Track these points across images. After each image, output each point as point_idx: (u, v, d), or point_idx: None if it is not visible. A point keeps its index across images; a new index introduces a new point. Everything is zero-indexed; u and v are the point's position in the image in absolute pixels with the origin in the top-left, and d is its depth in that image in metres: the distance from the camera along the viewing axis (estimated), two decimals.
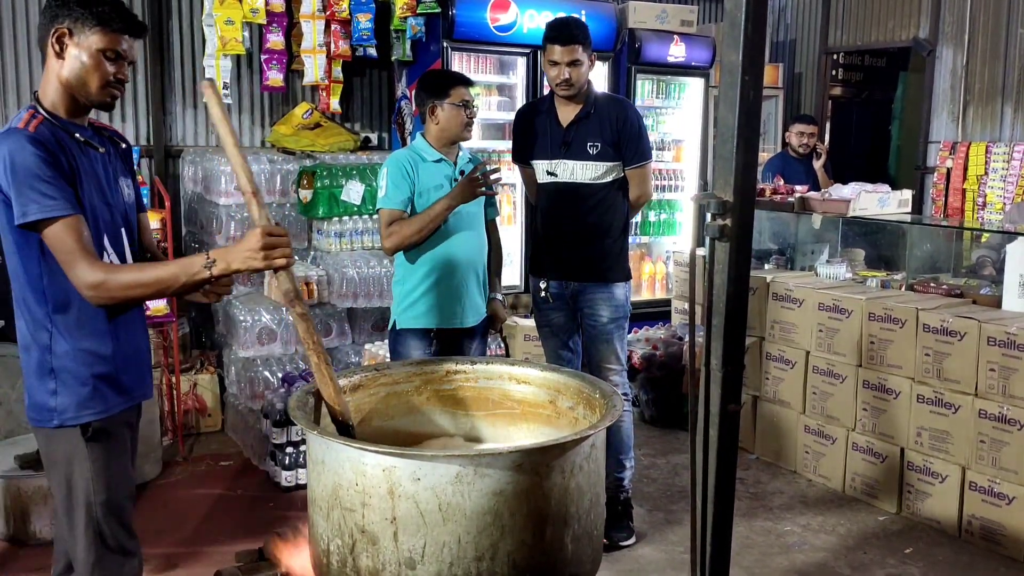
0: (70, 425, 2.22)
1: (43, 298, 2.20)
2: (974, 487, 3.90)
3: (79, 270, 2.08)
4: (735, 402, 2.04)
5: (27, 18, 5.23)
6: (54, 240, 2.08)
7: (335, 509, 1.99)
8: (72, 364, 2.22)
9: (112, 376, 2.27)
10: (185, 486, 4.41)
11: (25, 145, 2.08)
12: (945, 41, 7.19)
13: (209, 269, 2.09)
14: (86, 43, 2.18)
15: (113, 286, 2.09)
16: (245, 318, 4.77)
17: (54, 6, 2.19)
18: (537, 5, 6.05)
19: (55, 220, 2.07)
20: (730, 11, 1.91)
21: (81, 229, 2.10)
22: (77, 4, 2.17)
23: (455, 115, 3.45)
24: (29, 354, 2.25)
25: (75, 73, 2.19)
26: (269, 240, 2.05)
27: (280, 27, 5.58)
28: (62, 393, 2.22)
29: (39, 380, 2.23)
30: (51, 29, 2.18)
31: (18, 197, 2.06)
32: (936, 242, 5.07)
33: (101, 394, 2.25)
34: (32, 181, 2.06)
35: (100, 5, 2.19)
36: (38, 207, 2.06)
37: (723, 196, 1.97)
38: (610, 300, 3.73)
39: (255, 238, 2.05)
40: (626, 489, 3.88)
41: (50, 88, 2.22)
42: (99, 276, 2.08)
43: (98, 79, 2.20)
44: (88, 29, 2.17)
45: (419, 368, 2.65)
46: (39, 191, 2.06)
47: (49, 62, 2.21)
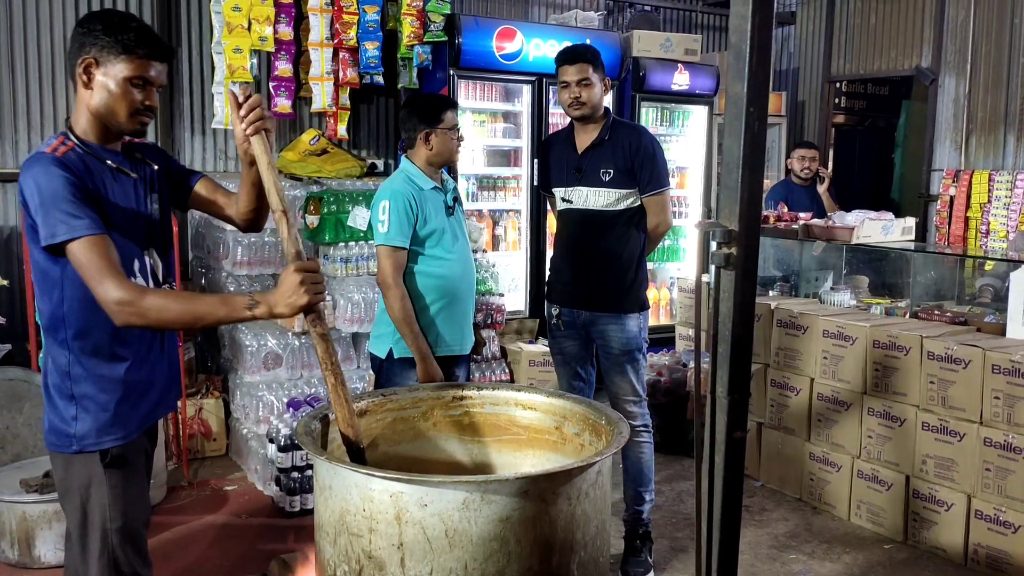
0: (90, 451, 2.22)
1: (64, 323, 2.20)
2: (980, 515, 3.89)
3: (106, 287, 2.05)
4: (741, 429, 2.05)
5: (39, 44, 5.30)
6: (81, 258, 2.06)
7: (342, 535, 1.99)
8: (93, 390, 2.21)
9: (132, 402, 2.27)
10: (189, 511, 4.40)
11: (51, 168, 2.09)
12: (948, 70, 7.25)
13: (251, 310, 2.07)
14: (113, 72, 2.17)
15: (142, 306, 2.05)
16: (251, 343, 4.79)
17: (80, 35, 2.19)
18: (542, 34, 6.12)
19: (81, 239, 2.05)
20: (735, 44, 1.94)
21: (108, 248, 2.08)
22: (103, 32, 2.16)
23: (448, 140, 3.44)
24: (50, 379, 2.25)
25: (103, 102, 2.19)
26: (306, 276, 2.04)
27: (288, 55, 5.65)
28: (82, 419, 2.21)
29: (59, 405, 2.23)
30: (78, 59, 2.18)
31: (45, 219, 2.06)
32: (940, 270, 5.09)
33: (121, 420, 2.25)
34: (59, 203, 2.05)
35: (125, 32, 2.17)
36: (66, 227, 2.05)
37: (729, 225, 1.99)
38: (622, 331, 3.66)
39: (294, 278, 2.04)
40: (645, 522, 3.81)
41: (81, 117, 2.23)
42: (128, 294, 2.05)
43: (127, 107, 2.20)
44: (114, 58, 2.17)
45: (425, 394, 2.66)
46: (66, 212, 2.05)
47: (78, 91, 2.22)
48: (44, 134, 5.34)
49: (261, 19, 5.39)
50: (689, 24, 8.23)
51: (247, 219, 2.49)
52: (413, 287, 3.38)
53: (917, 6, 7.46)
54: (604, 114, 3.71)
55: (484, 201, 6.36)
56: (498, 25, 5.99)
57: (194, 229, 5.68)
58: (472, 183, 6.29)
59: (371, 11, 5.74)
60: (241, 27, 5.34)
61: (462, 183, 6.12)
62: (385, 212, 3.34)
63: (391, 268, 3.31)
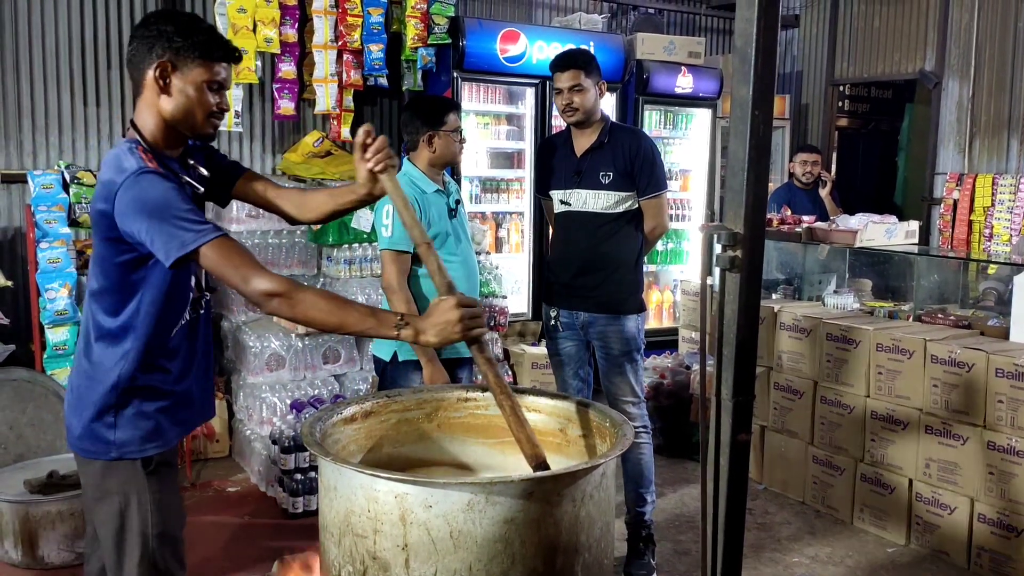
0: (130, 458, 2.20)
1: (133, 332, 2.16)
2: (983, 519, 3.88)
3: (256, 279, 2.00)
4: (746, 432, 2.05)
5: (43, 45, 5.32)
6: (219, 258, 2.01)
7: (347, 536, 1.99)
8: (140, 399, 2.20)
9: (174, 412, 2.27)
10: (192, 512, 4.36)
11: (158, 182, 2.02)
12: (951, 73, 7.25)
13: (398, 331, 2.02)
14: (191, 76, 2.12)
15: (297, 299, 2.01)
16: (254, 344, 4.79)
17: (149, 37, 2.12)
18: (546, 37, 6.13)
19: (213, 241, 2.00)
20: (741, 47, 1.94)
21: (238, 243, 2.05)
22: (177, 34, 2.11)
23: (451, 142, 3.46)
24: (87, 385, 2.20)
25: (181, 108, 2.14)
26: (467, 312, 2.00)
27: (292, 57, 5.66)
28: (124, 427, 2.19)
29: (97, 412, 2.19)
30: (151, 63, 2.11)
31: (168, 234, 1.99)
32: (944, 273, 5.09)
33: (163, 429, 2.24)
34: (177, 213, 2.00)
35: (199, 35, 2.13)
36: (193, 235, 1.99)
37: (733, 227, 1.99)
38: (621, 332, 3.69)
39: (453, 312, 2.00)
40: (648, 524, 3.82)
41: (150, 122, 2.16)
42: (281, 285, 2.01)
43: (203, 111, 2.15)
44: (191, 61, 2.11)
45: (429, 395, 2.66)
46: (187, 219, 2.00)
47: (147, 95, 2.15)
48: (48, 135, 5.35)
49: (266, 21, 5.40)
50: (692, 27, 8.24)
51: (308, 220, 2.49)
52: (417, 290, 3.39)
53: (921, 9, 7.46)
54: (601, 118, 3.73)
55: (487, 203, 6.37)
56: (502, 28, 6.00)
57: None
58: (475, 185, 6.30)
59: (375, 13, 5.75)
60: (246, 29, 5.35)
61: (465, 185, 6.12)
62: (388, 216, 3.35)
63: (395, 272, 3.32)
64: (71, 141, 5.45)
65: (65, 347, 4.64)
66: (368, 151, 2.21)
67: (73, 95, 5.43)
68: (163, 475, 2.26)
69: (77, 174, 4.76)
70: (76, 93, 5.43)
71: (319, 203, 2.44)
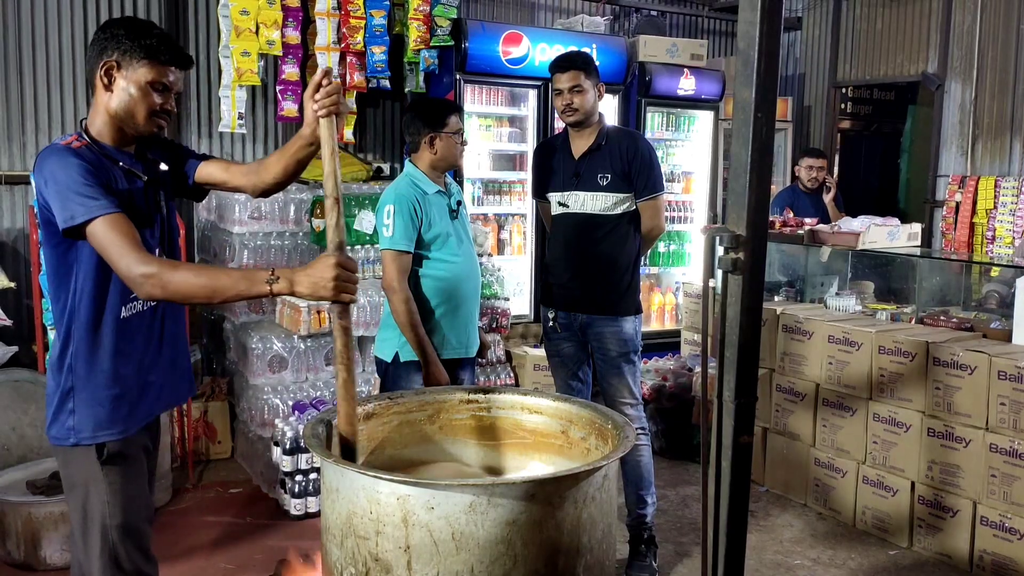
0: (86, 444, 2.24)
1: (74, 315, 2.23)
2: (985, 522, 3.88)
3: (129, 261, 2.07)
4: (748, 434, 2.06)
5: (47, 47, 5.33)
6: (101, 237, 2.09)
7: (349, 537, 1.99)
8: (91, 384, 2.24)
9: (130, 400, 2.29)
10: (194, 513, 4.41)
11: (66, 157, 2.14)
12: (953, 76, 7.25)
13: (270, 285, 2.07)
14: (134, 76, 2.22)
15: (167, 279, 2.07)
16: (256, 345, 4.80)
17: (102, 39, 2.24)
18: (548, 39, 6.14)
19: (100, 218, 2.09)
20: (743, 50, 1.94)
21: (128, 225, 2.12)
22: (126, 37, 2.22)
23: (452, 144, 3.46)
24: (53, 372, 2.28)
25: (123, 105, 2.24)
26: (343, 274, 2.04)
27: (296, 59, 5.66)
28: (79, 412, 2.24)
29: (60, 399, 2.26)
30: (99, 62, 2.23)
31: (63, 204, 2.10)
32: (946, 275, 5.08)
33: (118, 417, 2.27)
34: (75, 187, 2.10)
35: (148, 38, 2.23)
36: (83, 209, 2.09)
37: (736, 230, 2.00)
38: (618, 334, 3.70)
39: (330, 269, 2.03)
40: (649, 526, 3.82)
41: (98, 119, 2.27)
42: (152, 267, 2.07)
43: (145, 110, 2.25)
44: (136, 61, 2.22)
45: (432, 397, 2.66)
46: (82, 195, 2.09)
47: (98, 94, 2.26)
48: (52, 136, 5.36)
49: (269, 23, 5.41)
50: (695, 29, 8.24)
51: (266, 188, 2.53)
52: (418, 291, 3.39)
53: (923, 12, 7.46)
54: (599, 120, 3.75)
55: (489, 205, 6.38)
56: (504, 30, 6.01)
57: (200, 232, 5.69)
58: (478, 187, 6.31)
59: (378, 15, 5.76)
60: (249, 31, 5.36)
61: (467, 187, 6.13)
62: (390, 216, 3.35)
63: (396, 272, 3.33)
64: None
65: None
66: (319, 91, 2.24)
67: (76, 96, 5.44)
68: (122, 467, 2.28)
69: None
70: (79, 94, 5.44)
71: (270, 165, 2.49)
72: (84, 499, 2.26)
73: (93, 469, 2.25)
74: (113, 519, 2.25)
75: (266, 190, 2.55)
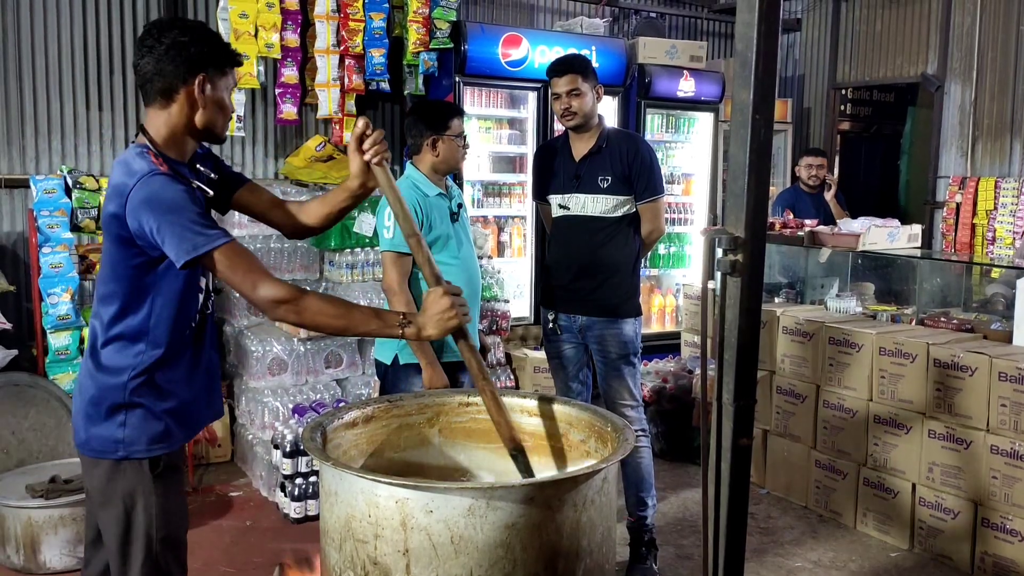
0: (137, 458, 2.21)
1: (147, 335, 2.19)
2: (986, 523, 3.87)
3: (263, 287, 2.06)
4: (747, 436, 2.05)
5: (46, 52, 5.33)
6: (228, 263, 2.05)
7: (348, 541, 1.99)
8: (150, 400, 2.21)
9: (181, 413, 2.28)
10: (194, 517, 4.38)
11: (170, 185, 2.05)
12: (953, 77, 7.24)
13: (402, 329, 2.10)
14: (224, 85, 2.19)
15: (303, 306, 2.07)
16: (256, 348, 4.80)
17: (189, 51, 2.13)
18: (548, 41, 6.14)
19: (224, 246, 2.05)
20: (741, 51, 1.94)
21: (247, 250, 2.10)
22: (211, 46, 2.15)
23: (454, 147, 3.47)
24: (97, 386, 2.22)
25: (211, 118, 2.18)
26: (456, 300, 2.09)
27: (295, 62, 5.66)
28: (132, 425, 2.20)
29: (106, 412, 2.20)
30: (192, 77, 2.14)
31: (180, 235, 2.02)
32: (946, 277, 5.08)
33: (170, 430, 2.25)
34: (190, 217, 2.03)
35: (220, 42, 2.19)
36: (204, 239, 2.03)
37: (735, 232, 1.99)
38: (619, 336, 3.71)
39: (443, 301, 2.09)
40: (649, 528, 3.82)
41: (164, 130, 2.18)
42: (288, 292, 2.07)
43: (226, 116, 2.23)
44: (225, 72, 2.19)
45: (431, 400, 2.66)
46: (199, 224, 2.04)
47: (175, 107, 2.16)
48: (51, 140, 5.35)
49: (268, 26, 5.41)
50: (694, 31, 8.24)
51: (304, 232, 2.50)
52: (419, 293, 3.38)
53: (923, 13, 7.46)
54: (599, 123, 3.76)
55: (489, 207, 6.37)
56: (504, 32, 6.01)
57: None
58: (477, 189, 6.30)
59: (377, 18, 5.76)
60: (248, 34, 5.36)
61: (467, 189, 6.13)
62: (390, 219, 3.35)
63: (396, 274, 3.33)
64: (73, 146, 5.45)
65: (67, 352, 4.64)
66: (366, 142, 2.25)
67: (76, 100, 5.43)
68: (168, 478, 2.27)
69: (79, 179, 4.77)
70: (79, 98, 5.44)
71: (312, 211, 2.47)
72: (128, 511, 2.22)
73: (143, 482, 2.21)
74: (159, 532, 2.23)
75: (302, 232, 2.51)
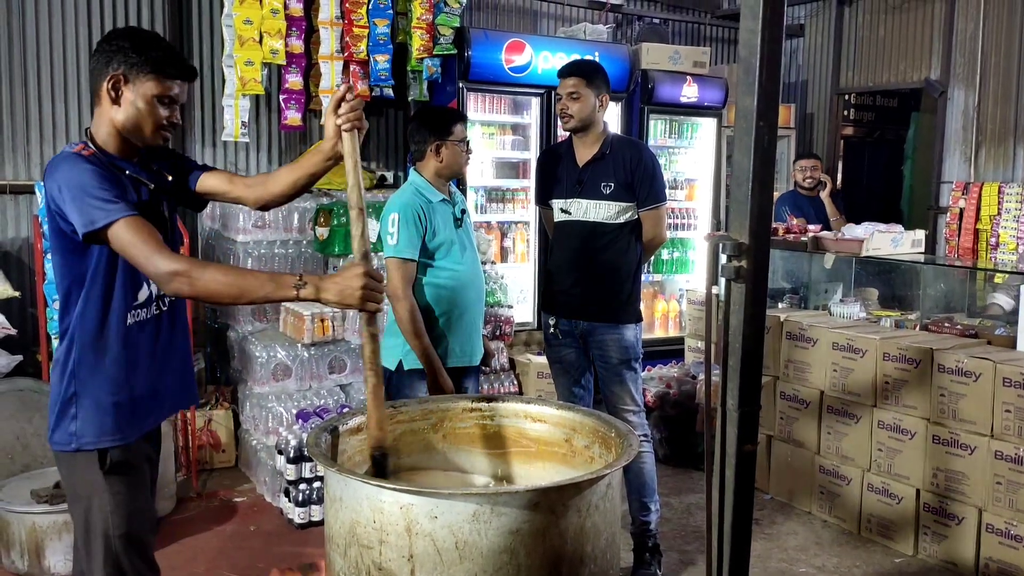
0: (88, 450, 2.24)
1: (82, 321, 2.24)
2: (991, 529, 3.86)
3: (157, 260, 2.08)
4: (752, 442, 2.05)
5: (51, 57, 5.35)
6: (125, 238, 2.09)
7: (352, 546, 1.99)
8: (95, 390, 2.25)
9: (132, 407, 2.30)
10: (198, 522, 4.41)
11: (79, 163, 2.14)
12: (957, 82, 7.24)
13: (298, 290, 2.09)
14: (141, 89, 2.23)
15: (196, 276, 2.09)
16: (260, 354, 4.80)
17: (108, 51, 2.23)
18: (551, 47, 6.14)
19: (122, 220, 2.09)
20: (745, 58, 1.94)
21: (148, 225, 2.12)
22: (132, 50, 2.22)
23: (458, 153, 3.48)
24: (56, 378, 2.29)
25: (130, 118, 2.24)
26: (370, 283, 2.07)
27: (299, 68, 5.68)
28: (82, 417, 2.25)
29: (62, 404, 2.27)
30: (106, 74, 2.23)
31: (80, 209, 2.10)
32: (950, 282, 5.07)
33: (121, 424, 2.27)
34: (92, 191, 2.10)
35: (154, 51, 2.23)
36: (103, 212, 2.09)
37: (739, 238, 2.00)
38: (620, 341, 3.72)
39: (358, 278, 2.07)
40: (653, 533, 3.82)
41: (103, 129, 2.27)
42: (182, 265, 2.09)
43: (152, 124, 2.26)
44: (143, 75, 2.22)
45: (435, 406, 2.67)
46: (100, 199, 2.10)
47: (102, 106, 2.26)
48: (56, 146, 5.37)
49: (272, 32, 5.42)
50: (697, 37, 8.25)
51: (270, 200, 2.54)
52: (422, 299, 3.39)
53: (926, 18, 7.46)
54: (603, 130, 3.78)
55: (493, 213, 6.37)
56: (507, 38, 6.02)
57: (204, 240, 5.70)
58: (481, 195, 6.31)
59: (381, 24, 5.77)
60: (252, 40, 5.37)
61: (471, 195, 6.13)
62: (394, 224, 3.36)
63: (400, 280, 3.33)
64: None
65: None
66: (342, 107, 2.28)
67: (81, 107, 5.45)
68: (125, 476, 2.29)
69: None
70: (84, 105, 5.46)
71: (281, 179, 2.51)
72: (87, 509, 2.26)
73: (96, 478, 2.25)
74: (116, 529, 2.25)
75: (269, 202, 2.55)
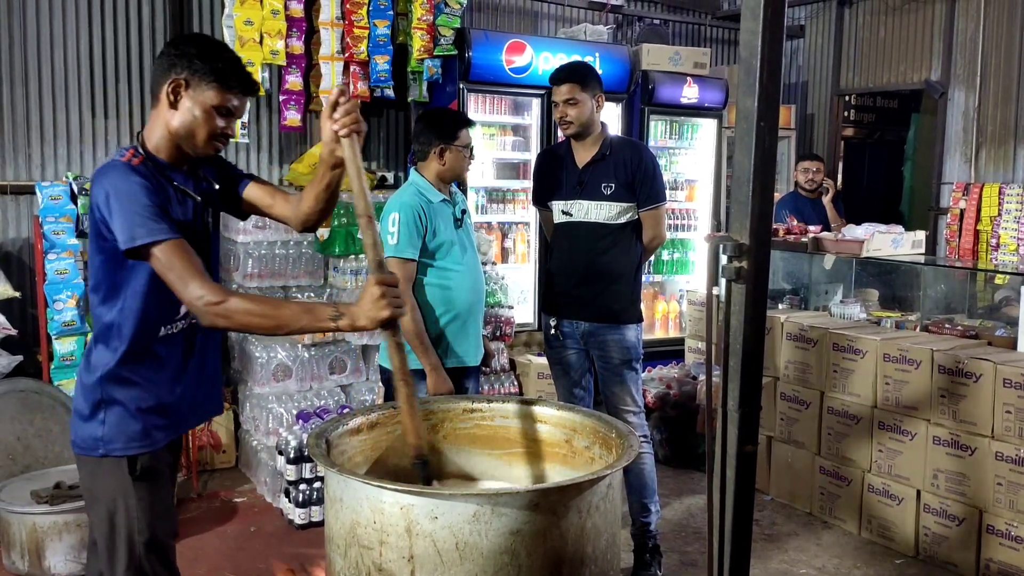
0: (116, 456, 2.23)
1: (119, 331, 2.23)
2: (991, 530, 3.86)
3: (193, 288, 2.07)
4: (752, 443, 2.05)
5: (52, 59, 5.35)
6: (165, 261, 2.08)
7: (353, 547, 1.99)
8: (126, 397, 2.24)
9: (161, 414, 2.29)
10: (198, 523, 4.41)
11: (129, 175, 2.12)
12: (957, 83, 7.24)
13: (335, 322, 2.08)
14: (200, 97, 2.21)
15: (232, 307, 2.07)
16: (261, 354, 4.80)
17: (173, 55, 2.22)
18: (552, 48, 6.15)
19: (164, 242, 2.08)
20: (746, 59, 1.94)
21: (190, 251, 2.11)
22: (197, 57, 2.20)
23: (461, 158, 3.49)
24: (85, 383, 2.28)
25: (185, 125, 2.22)
26: (387, 291, 2.05)
27: (299, 68, 5.68)
28: (110, 423, 2.24)
29: (89, 408, 2.25)
30: (168, 78, 2.21)
31: (124, 223, 2.08)
32: (950, 283, 5.07)
33: (149, 430, 2.27)
34: (137, 207, 2.08)
35: (219, 61, 2.22)
36: (145, 231, 2.07)
37: (739, 239, 2.00)
38: (621, 342, 3.72)
39: (375, 291, 2.05)
40: (653, 534, 3.82)
41: (156, 134, 2.25)
42: (216, 296, 2.07)
43: (206, 133, 2.23)
44: (205, 84, 2.20)
45: (436, 406, 2.67)
46: (145, 216, 2.08)
47: (160, 109, 2.24)
48: (57, 147, 5.38)
49: (272, 33, 5.43)
50: (698, 38, 8.25)
51: (307, 219, 2.48)
52: (423, 299, 3.39)
53: (926, 19, 7.46)
54: (602, 130, 3.77)
55: (493, 213, 6.38)
56: (508, 39, 6.02)
57: None
58: (481, 196, 6.31)
59: (382, 25, 5.78)
60: (253, 41, 5.37)
61: (471, 196, 6.13)
62: (395, 224, 3.36)
63: (400, 279, 3.32)
64: (79, 153, 5.47)
65: (72, 358, 4.65)
66: (337, 111, 2.20)
67: (81, 107, 5.45)
68: (152, 482, 2.28)
69: (85, 186, 4.78)
70: (84, 105, 5.46)
71: (307, 196, 2.45)
72: (111, 513, 2.25)
73: (124, 484, 2.24)
74: (141, 535, 2.25)
75: (307, 221, 2.48)
